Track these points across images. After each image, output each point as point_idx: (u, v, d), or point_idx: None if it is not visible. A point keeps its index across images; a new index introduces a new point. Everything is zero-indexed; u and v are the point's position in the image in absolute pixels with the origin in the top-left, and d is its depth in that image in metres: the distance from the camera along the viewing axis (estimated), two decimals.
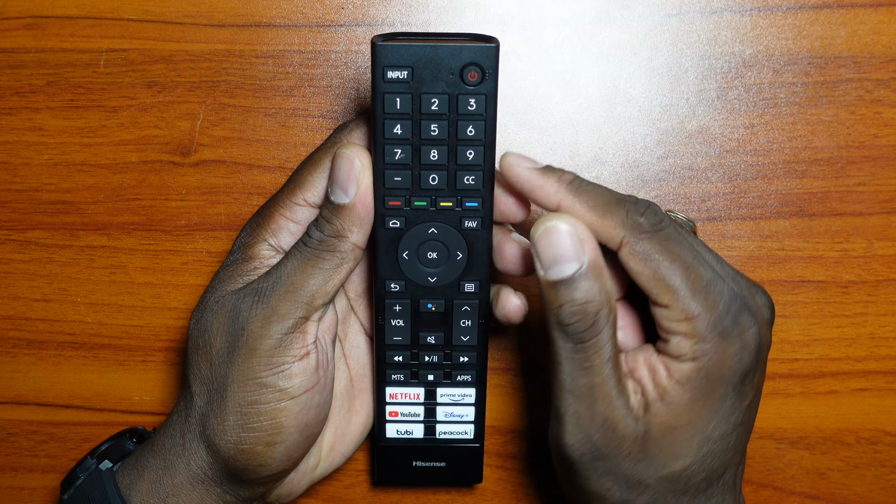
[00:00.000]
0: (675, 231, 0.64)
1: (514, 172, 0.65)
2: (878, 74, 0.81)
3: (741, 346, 0.63)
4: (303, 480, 0.74)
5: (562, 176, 0.65)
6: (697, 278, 0.62)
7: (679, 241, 0.63)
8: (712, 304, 0.63)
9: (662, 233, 0.63)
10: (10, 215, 0.84)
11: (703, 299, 0.63)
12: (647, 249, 0.63)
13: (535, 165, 0.65)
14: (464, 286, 0.70)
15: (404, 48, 0.63)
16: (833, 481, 0.86)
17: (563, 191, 0.64)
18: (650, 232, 0.63)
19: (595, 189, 0.65)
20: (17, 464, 0.87)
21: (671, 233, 0.63)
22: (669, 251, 0.63)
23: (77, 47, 0.82)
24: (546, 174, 0.65)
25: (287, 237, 0.69)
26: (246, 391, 0.67)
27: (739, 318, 0.63)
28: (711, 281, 0.63)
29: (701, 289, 0.63)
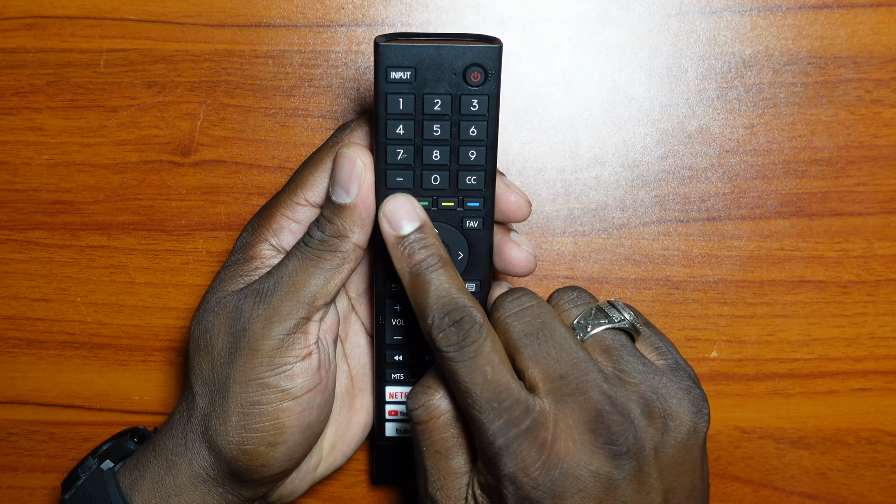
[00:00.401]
0: (474, 351, 0.62)
1: (382, 229, 0.66)
2: (878, 74, 0.81)
3: (512, 476, 0.61)
4: (304, 480, 0.74)
5: (409, 256, 0.65)
6: (478, 400, 0.61)
7: (475, 361, 0.62)
8: (488, 426, 0.61)
9: (456, 353, 0.62)
10: (10, 215, 0.84)
11: (483, 420, 0.62)
12: (442, 366, 0.64)
13: (403, 227, 0.66)
14: None
15: (407, 49, 0.63)
16: (833, 481, 0.86)
17: (404, 273, 0.65)
18: (443, 350, 0.62)
19: (429, 283, 0.64)
20: (18, 464, 0.87)
21: (468, 353, 0.62)
22: (456, 370, 0.62)
23: (77, 47, 0.82)
24: (401, 245, 0.65)
25: (288, 237, 0.69)
26: (248, 392, 0.67)
27: (514, 447, 0.61)
28: (492, 406, 0.61)
29: (480, 409, 0.62)
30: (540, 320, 0.65)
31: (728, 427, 0.85)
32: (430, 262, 0.64)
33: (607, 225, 0.83)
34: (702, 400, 0.65)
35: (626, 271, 0.84)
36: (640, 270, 0.84)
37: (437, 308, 0.63)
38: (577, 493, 0.61)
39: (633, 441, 0.61)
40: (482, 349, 0.62)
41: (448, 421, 0.66)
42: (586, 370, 0.63)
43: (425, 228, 0.66)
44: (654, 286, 0.84)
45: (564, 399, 0.62)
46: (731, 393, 0.85)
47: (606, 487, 0.61)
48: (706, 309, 0.84)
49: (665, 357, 0.67)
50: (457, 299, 0.63)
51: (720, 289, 0.84)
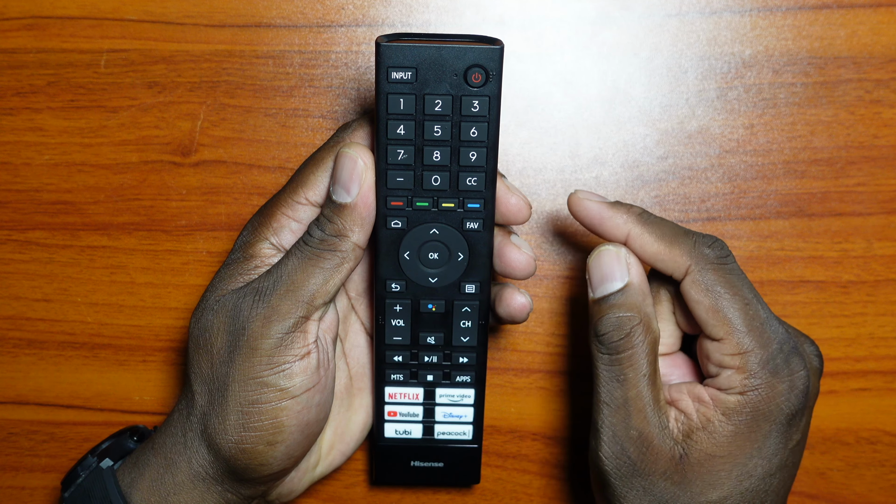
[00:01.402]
0: (738, 267, 0.67)
1: (583, 206, 0.69)
2: (878, 75, 0.81)
3: (790, 385, 0.66)
4: (303, 479, 0.75)
5: (630, 209, 0.69)
6: (755, 315, 0.66)
7: (741, 277, 0.67)
8: (766, 341, 0.66)
9: (727, 266, 0.67)
10: (10, 215, 0.84)
11: (757, 336, 0.66)
12: (710, 280, 0.66)
13: (604, 200, 0.70)
14: (464, 287, 0.70)
15: (408, 49, 0.63)
16: (833, 481, 0.86)
17: (632, 222, 0.69)
18: (715, 264, 0.66)
19: (662, 222, 0.69)
20: (18, 463, 0.87)
21: (735, 268, 0.67)
22: (731, 285, 0.66)
23: (78, 48, 0.82)
24: (615, 208, 0.69)
25: (288, 236, 0.69)
26: (247, 390, 0.67)
27: (791, 360, 0.66)
28: (767, 320, 0.66)
29: (757, 326, 0.66)
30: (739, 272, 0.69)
31: None
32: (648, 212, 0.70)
33: None
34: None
35: None
36: None
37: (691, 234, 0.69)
38: (810, 408, 0.69)
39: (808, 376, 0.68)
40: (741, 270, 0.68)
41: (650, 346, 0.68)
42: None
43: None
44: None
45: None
46: None
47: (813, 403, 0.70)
48: None
49: None
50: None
51: None
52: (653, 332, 0.68)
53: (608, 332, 0.67)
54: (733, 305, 0.66)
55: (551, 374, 0.85)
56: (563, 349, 0.85)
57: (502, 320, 0.73)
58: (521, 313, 0.72)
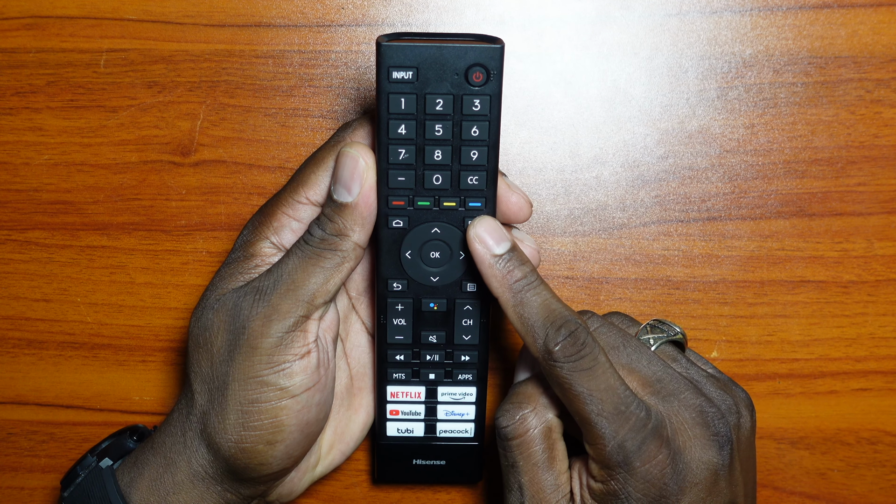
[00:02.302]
0: (590, 361, 0.65)
1: (473, 249, 0.67)
2: (879, 74, 0.81)
3: (643, 475, 0.64)
4: (303, 479, 0.74)
5: (510, 273, 0.66)
6: (603, 407, 0.64)
7: (591, 373, 0.65)
8: (615, 431, 0.64)
9: (574, 363, 0.65)
10: (10, 215, 0.84)
11: (607, 426, 0.65)
12: (555, 376, 0.65)
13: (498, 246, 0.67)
14: (466, 286, 0.70)
15: (409, 48, 0.63)
16: (833, 481, 0.86)
17: (504, 290, 0.67)
18: (561, 361, 0.64)
19: (533, 299, 0.66)
20: (17, 464, 0.87)
21: (584, 363, 0.65)
22: (575, 381, 0.64)
23: (77, 47, 0.82)
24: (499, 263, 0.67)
25: (289, 235, 0.69)
26: (247, 389, 0.67)
27: (644, 447, 0.64)
28: (619, 410, 0.64)
29: (607, 416, 0.64)
30: (619, 334, 0.69)
31: None
32: (530, 279, 0.66)
33: (607, 225, 0.83)
34: (749, 398, 0.71)
35: (626, 271, 0.84)
36: (641, 270, 0.84)
37: (549, 322, 0.65)
38: (695, 486, 0.65)
39: (727, 432, 0.66)
40: (599, 359, 0.65)
41: (542, 433, 0.68)
42: (673, 373, 0.68)
43: (517, 248, 0.67)
44: (655, 286, 0.84)
45: (668, 399, 0.67)
46: None
47: (714, 477, 0.66)
48: (706, 309, 0.84)
49: (708, 366, 0.73)
50: (565, 312, 0.66)
51: (720, 289, 0.84)
52: (546, 421, 0.69)
53: (498, 419, 0.69)
54: (579, 400, 0.65)
55: None
56: None
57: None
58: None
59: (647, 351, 0.69)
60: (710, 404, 0.67)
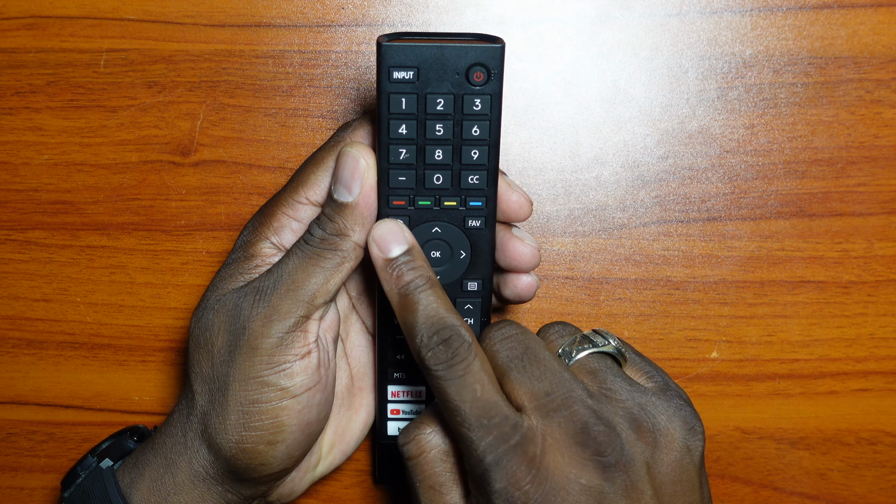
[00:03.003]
0: (462, 369, 0.62)
1: (371, 250, 0.67)
2: (879, 75, 0.81)
3: (503, 494, 0.61)
4: (304, 479, 0.74)
5: (398, 277, 0.65)
6: (466, 418, 0.62)
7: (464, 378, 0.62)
8: (477, 444, 0.61)
9: (445, 371, 0.62)
10: (10, 215, 0.84)
11: (471, 438, 0.62)
12: (430, 384, 0.64)
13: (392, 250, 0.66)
14: (467, 285, 0.70)
15: (410, 48, 0.63)
16: (833, 482, 0.86)
17: (393, 294, 0.66)
18: (432, 368, 0.63)
19: (418, 303, 0.65)
20: (17, 464, 0.87)
21: (457, 371, 0.62)
22: (445, 389, 0.62)
23: (77, 47, 0.82)
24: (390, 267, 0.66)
25: (289, 235, 0.69)
26: (247, 390, 0.66)
27: (503, 464, 0.61)
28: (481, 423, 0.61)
29: (469, 426, 0.62)
30: (524, 345, 0.65)
31: (728, 427, 0.85)
32: (417, 283, 0.65)
33: (607, 225, 0.83)
34: (694, 418, 0.65)
35: (626, 271, 0.84)
36: (641, 271, 0.84)
37: (426, 327, 0.63)
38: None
39: (620, 453, 0.61)
40: (471, 367, 0.62)
41: (440, 455, 0.66)
42: (570, 387, 0.63)
43: (414, 251, 0.66)
44: (655, 286, 0.84)
45: (550, 415, 0.62)
46: (731, 393, 0.85)
47: (598, 501, 0.61)
48: (706, 309, 0.84)
49: (654, 379, 0.68)
50: (445, 318, 0.64)
51: (721, 289, 0.84)
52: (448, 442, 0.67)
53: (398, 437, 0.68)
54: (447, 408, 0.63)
55: None
56: None
57: (509, 301, 0.73)
58: (528, 292, 0.72)
59: (551, 363, 0.64)
60: (598, 421, 0.62)
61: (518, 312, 0.84)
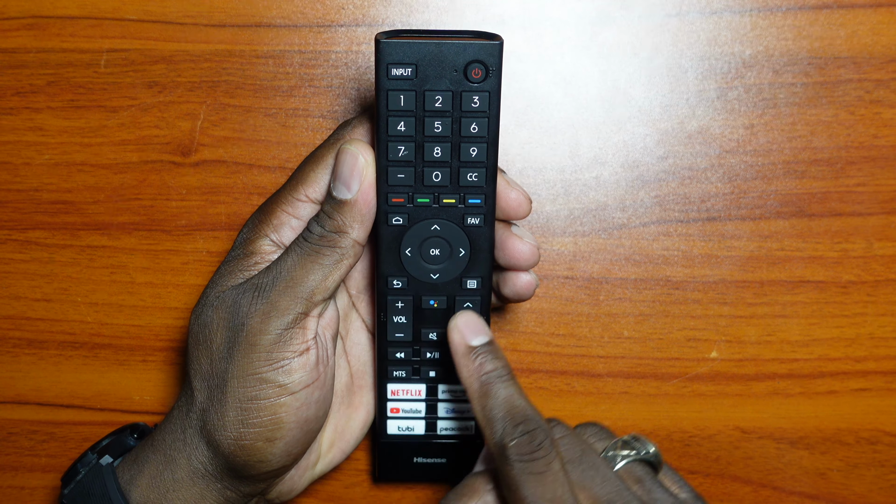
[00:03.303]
0: (543, 465, 0.62)
1: (450, 338, 0.67)
2: (878, 75, 0.81)
3: None
4: (303, 477, 0.74)
5: (481, 365, 0.66)
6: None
7: (541, 479, 0.62)
8: None
9: (525, 464, 0.62)
10: (10, 215, 0.84)
11: None
12: (505, 474, 0.63)
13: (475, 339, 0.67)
14: (466, 282, 0.70)
15: (408, 45, 0.63)
16: (833, 481, 0.86)
17: (472, 381, 0.66)
18: (513, 459, 0.62)
19: (500, 393, 0.65)
20: (18, 463, 0.87)
21: (537, 466, 0.62)
22: (523, 483, 0.62)
23: (78, 47, 0.82)
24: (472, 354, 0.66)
25: (288, 233, 0.69)
26: (246, 386, 0.67)
27: None
28: None
29: None
30: (580, 448, 0.66)
31: (728, 427, 0.85)
32: (501, 373, 0.65)
33: (607, 225, 0.83)
34: None
35: (626, 271, 0.84)
36: (641, 270, 0.84)
37: (510, 417, 0.63)
38: None
39: None
40: (552, 466, 0.62)
41: None
42: (629, 498, 0.64)
43: (494, 344, 0.67)
44: (655, 286, 0.84)
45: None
46: (731, 393, 0.85)
47: None
48: (706, 309, 0.84)
49: (684, 490, 0.69)
50: (528, 411, 0.64)
51: (720, 289, 0.84)
52: None
53: None
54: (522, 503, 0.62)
55: (551, 374, 0.85)
56: (562, 349, 0.85)
57: (508, 300, 0.73)
58: (527, 291, 0.72)
59: (607, 469, 0.66)
60: None
61: (518, 312, 0.84)
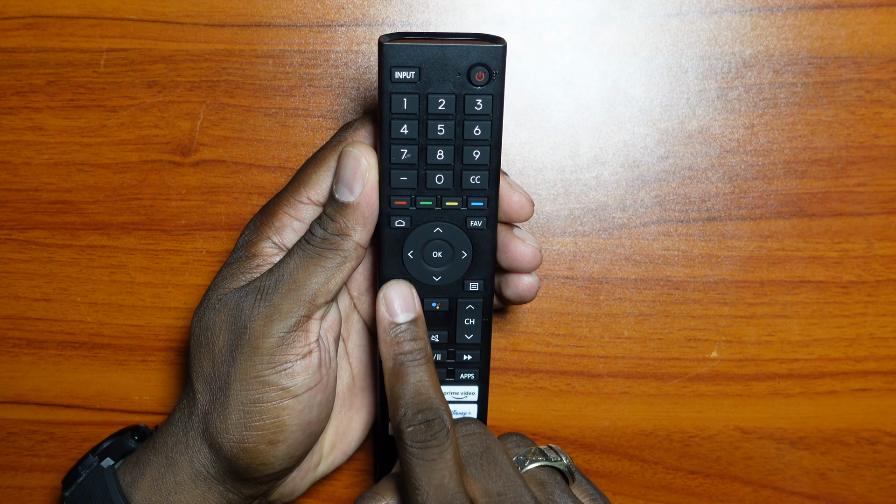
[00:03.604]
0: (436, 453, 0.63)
1: (376, 308, 0.67)
2: (878, 75, 0.81)
3: None
4: (305, 479, 0.74)
5: (398, 344, 0.66)
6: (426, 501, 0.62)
7: (434, 463, 0.63)
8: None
9: (419, 450, 0.63)
10: (10, 215, 0.84)
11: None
12: (400, 457, 0.64)
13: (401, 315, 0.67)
14: (468, 285, 0.70)
15: (412, 48, 0.63)
16: (833, 481, 0.86)
17: (387, 358, 0.66)
18: (407, 444, 0.63)
19: (409, 376, 0.65)
20: (17, 463, 0.87)
21: (430, 454, 0.63)
22: (414, 468, 0.63)
23: (77, 47, 0.82)
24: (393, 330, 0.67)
25: (290, 235, 0.69)
26: (248, 389, 0.67)
27: None
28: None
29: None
30: (485, 445, 0.66)
31: (728, 427, 0.86)
32: (415, 356, 0.66)
33: (607, 225, 0.83)
34: None
35: (626, 271, 0.84)
36: (641, 270, 0.84)
37: (413, 402, 0.64)
38: None
39: None
40: (444, 455, 0.63)
41: None
42: (521, 493, 0.64)
43: (419, 322, 0.67)
44: (655, 286, 0.84)
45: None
46: (731, 393, 0.85)
47: None
48: (706, 309, 0.84)
49: (596, 502, 0.69)
50: (433, 399, 0.64)
51: (720, 289, 0.84)
52: None
53: None
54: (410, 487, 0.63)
55: (551, 374, 0.85)
56: (562, 349, 0.85)
57: (510, 301, 0.73)
58: (529, 293, 0.72)
59: (508, 467, 0.66)
60: None
61: (519, 313, 0.84)
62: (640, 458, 0.86)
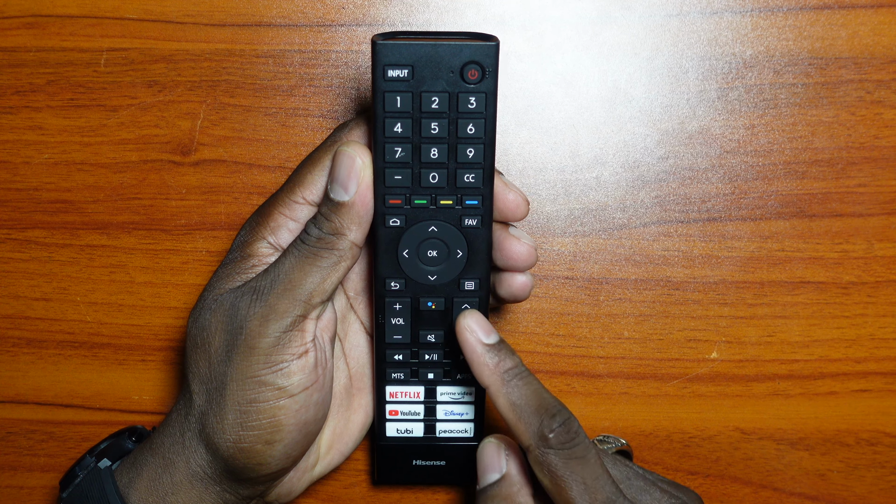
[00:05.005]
0: (583, 450, 0.65)
1: (463, 338, 0.68)
2: (879, 75, 0.81)
3: None
4: (302, 479, 0.74)
5: (500, 362, 0.67)
6: (595, 497, 0.64)
7: (583, 462, 0.65)
8: None
9: (568, 451, 0.65)
10: (10, 214, 0.84)
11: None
12: (548, 464, 0.65)
13: (488, 337, 0.68)
14: (464, 284, 0.70)
15: (405, 47, 0.63)
16: (833, 482, 0.86)
17: (495, 378, 0.67)
18: (555, 448, 0.64)
19: (525, 388, 0.67)
20: (17, 463, 0.87)
21: (577, 451, 0.65)
22: (569, 469, 0.65)
23: (78, 46, 0.82)
24: (490, 352, 0.67)
25: (286, 235, 0.69)
26: (245, 389, 0.67)
27: None
28: (610, 500, 0.65)
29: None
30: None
31: (728, 428, 0.85)
32: (520, 369, 0.67)
33: (608, 225, 0.83)
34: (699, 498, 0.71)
35: (626, 272, 0.84)
36: (641, 271, 0.84)
37: (543, 410, 0.65)
38: None
39: None
40: (591, 449, 0.65)
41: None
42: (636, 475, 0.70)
43: (504, 340, 0.68)
44: (655, 287, 0.84)
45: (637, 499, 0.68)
46: (731, 394, 0.85)
47: None
48: (706, 310, 0.84)
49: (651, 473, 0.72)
50: (557, 403, 0.66)
51: (720, 290, 0.84)
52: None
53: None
54: (569, 487, 0.65)
55: (551, 374, 0.85)
56: (562, 349, 0.85)
57: (504, 300, 0.73)
58: (523, 292, 0.72)
59: (609, 454, 0.70)
60: (679, 501, 0.68)
61: (517, 312, 0.84)
62: (640, 459, 0.86)
